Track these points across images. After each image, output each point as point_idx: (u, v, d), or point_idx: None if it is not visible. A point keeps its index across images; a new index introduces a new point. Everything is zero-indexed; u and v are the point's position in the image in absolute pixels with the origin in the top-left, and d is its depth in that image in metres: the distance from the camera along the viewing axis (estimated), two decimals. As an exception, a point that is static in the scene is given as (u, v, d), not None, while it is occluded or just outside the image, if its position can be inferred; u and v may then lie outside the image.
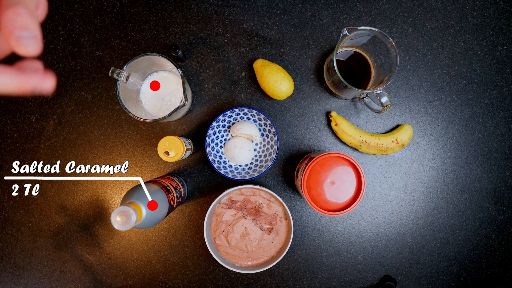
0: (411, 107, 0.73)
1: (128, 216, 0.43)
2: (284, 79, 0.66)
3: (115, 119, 0.72)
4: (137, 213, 0.44)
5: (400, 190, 0.73)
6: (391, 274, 0.73)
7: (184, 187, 0.69)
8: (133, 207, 0.44)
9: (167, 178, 0.64)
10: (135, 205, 0.46)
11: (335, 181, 0.62)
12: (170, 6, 0.72)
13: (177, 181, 0.67)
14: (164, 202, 0.53)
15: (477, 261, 0.73)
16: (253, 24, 0.72)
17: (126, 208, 0.43)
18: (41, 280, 0.73)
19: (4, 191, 0.73)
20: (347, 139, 0.69)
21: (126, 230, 0.44)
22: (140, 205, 0.47)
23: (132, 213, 0.43)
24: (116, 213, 0.43)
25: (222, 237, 0.67)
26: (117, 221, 0.43)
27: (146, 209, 0.47)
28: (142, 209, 0.47)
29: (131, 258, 0.73)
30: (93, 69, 0.72)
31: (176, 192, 0.62)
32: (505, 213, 0.73)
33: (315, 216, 0.73)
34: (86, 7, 0.72)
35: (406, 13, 0.72)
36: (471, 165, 0.73)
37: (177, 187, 0.64)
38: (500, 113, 0.73)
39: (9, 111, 0.73)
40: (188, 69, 0.72)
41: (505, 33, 0.72)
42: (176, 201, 0.61)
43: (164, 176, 0.66)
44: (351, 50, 0.68)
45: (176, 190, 0.62)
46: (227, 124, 0.70)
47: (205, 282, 0.72)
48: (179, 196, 0.63)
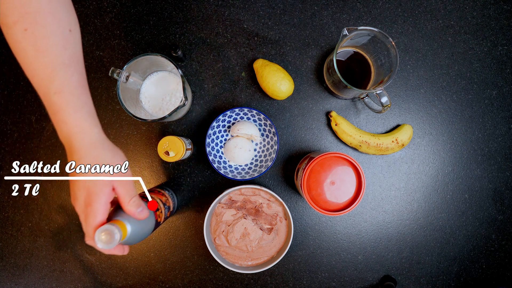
0: (411, 107, 0.73)
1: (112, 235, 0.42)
2: (284, 79, 0.66)
3: (115, 119, 0.72)
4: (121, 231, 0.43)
5: (400, 190, 0.73)
6: (391, 274, 0.73)
7: (173, 200, 0.69)
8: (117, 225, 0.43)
9: (157, 192, 0.64)
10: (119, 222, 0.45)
11: (335, 181, 0.62)
12: (170, 6, 0.72)
13: (167, 196, 0.66)
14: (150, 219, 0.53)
15: (477, 261, 0.73)
16: (253, 24, 0.72)
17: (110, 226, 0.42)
18: (41, 280, 0.73)
19: (4, 191, 0.73)
20: (347, 139, 0.69)
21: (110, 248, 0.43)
22: (124, 222, 0.46)
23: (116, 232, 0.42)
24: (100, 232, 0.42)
25: (222, 237, 0.67)
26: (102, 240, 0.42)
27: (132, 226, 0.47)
28: (127, 227, 0.46)
29: (131, 258, 0.73)
30: (93, 69, 0.72)
31: (165, 207, 0.61)
32: (505, 213, 0.73)
33: (315, 216, 0.73)
34: (86, 7, 0.72)
35: (406, 13, 0.72)
36: (471, 165, 0.73)
37: (166, 202, 0.63)
38: (500, 113, 0.73)
39: (9, 111, 0.73)
40: (188, 69, 0.72)
41: (505, 33, 0.72)
42: (163, 217, 0.60)
43: (154, 190, 0.65)
44: (351, 50, 0.68)
45: (165, 206, 0.62)
46: (227, 124, 0.70)
47: (205, 282, 0.72)
48: (167, 211, 0.63)
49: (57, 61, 0.43)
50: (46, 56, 0.42)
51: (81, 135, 0.44)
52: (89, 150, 0.44)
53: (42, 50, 0.42)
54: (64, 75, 0.43)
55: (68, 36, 0.44)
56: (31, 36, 0.41)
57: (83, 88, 0.45)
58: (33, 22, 0.41)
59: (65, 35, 0.44)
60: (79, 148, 0.44)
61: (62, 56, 0.43)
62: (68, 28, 0.44)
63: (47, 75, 0.42)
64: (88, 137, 0.44)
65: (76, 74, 0.44)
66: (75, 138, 0.44)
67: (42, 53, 0.42)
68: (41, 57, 0.42)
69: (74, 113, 0.43)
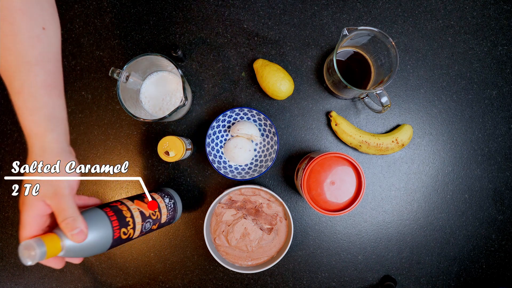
0: (411, 107, 0.73)
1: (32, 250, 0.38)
2: (284, 79, 0.66)
3: (115, 119, 0.72)
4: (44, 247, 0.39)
5: (400, 190, 0.73)
6: (391, 274, 0.73)
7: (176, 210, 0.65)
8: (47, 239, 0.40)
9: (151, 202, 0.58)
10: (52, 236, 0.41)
11: (335, 181, 0.62)
12: (170, 6, 0.72)
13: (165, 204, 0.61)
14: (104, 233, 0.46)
15: (477, 261, 0.73)
16: (253, 24, 0.72)
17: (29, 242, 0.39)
18: (41, 280, 0.73)
19: (4, 191, 0.73)
20: (347, 139, 0.69)
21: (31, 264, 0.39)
22: (61, 237, 0.42)
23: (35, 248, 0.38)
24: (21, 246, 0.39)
25: (222, 237, 0.67)
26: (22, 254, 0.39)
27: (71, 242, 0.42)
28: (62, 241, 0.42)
29: (131, 258, 0.73)
30: (93, 69, 0.72)
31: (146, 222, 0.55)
32: (505, 213, 0.73)
33: (315, 216, 0.73)
34: (86, 7, 0.72)
35: (406, 13, 0.72)
36: (471, 165, 0.73)
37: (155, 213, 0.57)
38: (500, 113, 0.73)
39: (9, 111, 0.73)
40: (188, 69, 0.72)
41: (505, 33, 0.72)
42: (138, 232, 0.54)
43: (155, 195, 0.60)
44: (351, 50, 0.68)
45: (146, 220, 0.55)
46: (227, 124, 0.70)
47: (205, 282, 0.72)
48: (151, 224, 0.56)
49: (21, 60, 0.42)
50: (10, 54, 0.41)
51: (33, 140, 0.43)
52: (38, 156, 0.44)
53: (8, 48, 0.41)
54: (26, 75, 0.42)
55: (40, 34, 0.43)
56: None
57: (48, 89, 0.44)
58: (1, 19, 0.40)
59: (35, 33, 0.42)
60: (31, 151, 0.44)
61: (28, 55, 0.42)
62: (41, 26, 0.43)
63: (10, 74, 0.42)
64: (39, 142, 0.44)
65: (42, 73, 0.43)
66: (29, 140, 0.44)
67: (8, 51, 0.41)
68: (6, 55, 0.41)
69: (29, 116, 0.43)
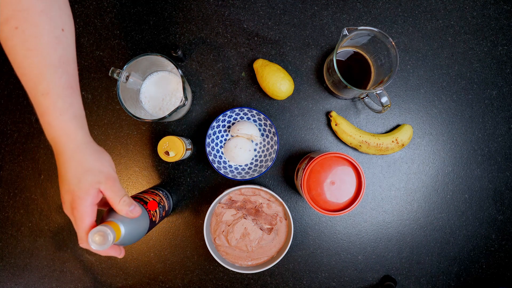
0: (411, 107, 0.73)
1: (106, 236, 0.42)
2: (284, 79, 0.66)
3: (115, 119, 0.72)
4: (114, 232, 0.43)
5: (400, 190, 0.73)
6: (391, 274, 0.73)
7: (168, 201, 0.69)
8: (111, 226, 0.44)
9: (151, 193, 0.64)
10: (113, 223, 0.45)
11: (335, 181, 0.62)
12: (170, 6, 0.72)
13: (161, 195, 0.66)
14: (144, 218, 0.53)
15: (477, 261, 0.73)
16: (253, 24, 0.72)
17: (103, 228, 0.43)
18: (41, 280, 0.73)
19: (4, 191, 0.73)
20: (347, 139, 0.69)
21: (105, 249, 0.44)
22: (118, 223, 0.46)
23: (109, 233, 0.43)
24: (93, 233, 0.42)
25: (222, 237, 0.67)
26: (95, 241, 0.42)
27: (125, 227, 0.47)
28: (121, 227, 0.46)
29: (131, 258, 0.73)
30: (93, 69, 0.72)
31: (159, 207, 0.62)
32: (505, 213, 0.73)
33: (315, 216, 0.73)
34: (86, 7, 0.72)
35: (406, 13, 0.72)
36: (471, 165, 0.73)
37: (160, 201, 0.63)
38: (500, 113, 0.73)
39: (9, 111, 0.73)
40: (188, 69, 0.72)
41: (505, 33, 0.73)
42: (158, 217, 0.61)
43: (148, 191, 0.65)
44: (351, 50, 0.68)
45: (159, 205, 0.62)
46: (227, 124, 0.70)
47: (205, 282, 0.72)
48: (162, 211, 0.63)
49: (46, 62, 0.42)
50: (35, 56, 0.41)
51: (65, 138, 0.44)
52: (72, 154, 0.44)
53: (32, 49, 0.41)
54: (52, 76, 0.42)
55: (60, 36, 0.43)
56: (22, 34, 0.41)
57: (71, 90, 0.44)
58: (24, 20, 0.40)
59: (56, 35, 0.43)
60: (63, 151, 0.44)
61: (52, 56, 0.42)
62: (61, 27, 0.43)
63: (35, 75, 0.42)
64: (72, 140, 0.44)
65: (65, 75, 0.43)
66: (60, 141, 0.44)
67: (32, 53, 0.41)
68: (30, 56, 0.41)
69: (60, 115, 0.43)
